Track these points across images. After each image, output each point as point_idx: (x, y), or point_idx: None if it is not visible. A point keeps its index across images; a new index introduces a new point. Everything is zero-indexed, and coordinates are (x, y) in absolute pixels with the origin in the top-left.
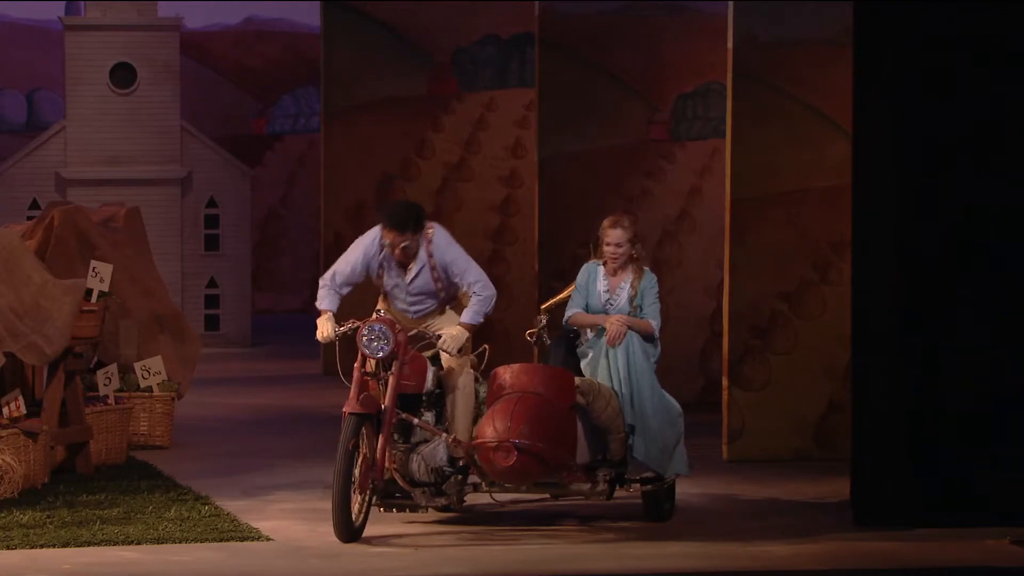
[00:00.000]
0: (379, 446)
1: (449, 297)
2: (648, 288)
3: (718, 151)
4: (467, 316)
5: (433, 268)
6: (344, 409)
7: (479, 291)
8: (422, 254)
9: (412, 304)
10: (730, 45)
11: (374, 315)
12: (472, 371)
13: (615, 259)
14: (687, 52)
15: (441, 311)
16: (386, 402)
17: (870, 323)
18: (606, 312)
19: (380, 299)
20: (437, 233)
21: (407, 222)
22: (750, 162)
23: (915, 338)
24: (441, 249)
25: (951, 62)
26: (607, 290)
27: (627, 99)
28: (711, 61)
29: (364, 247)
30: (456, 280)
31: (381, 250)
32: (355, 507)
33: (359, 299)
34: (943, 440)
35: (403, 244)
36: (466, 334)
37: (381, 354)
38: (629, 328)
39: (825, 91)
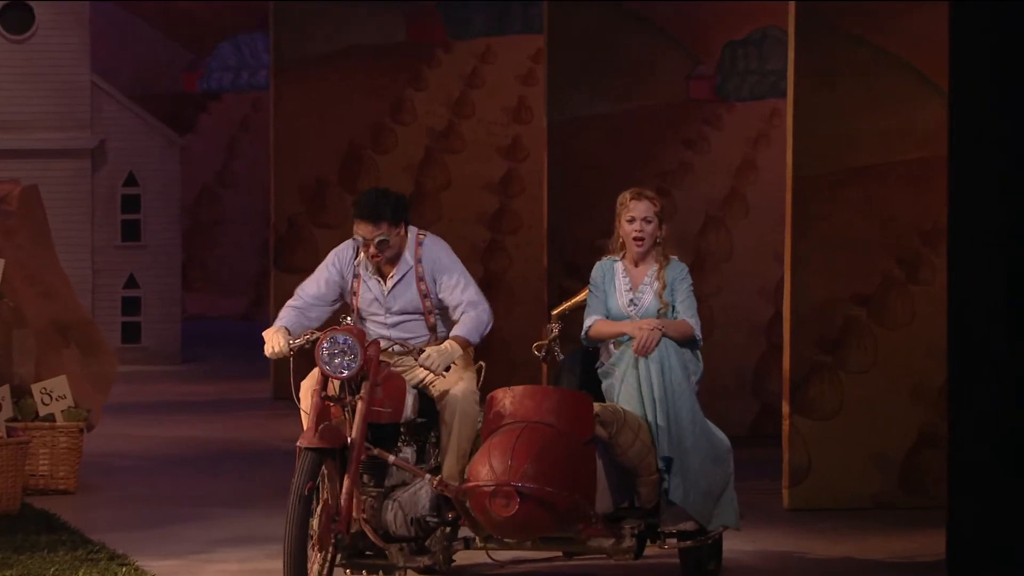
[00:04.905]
0: (344, 490)
1: (440, 324)
2: (678, 279)
3: (777, 114)
4: (461, 329)
5: (420, 278)
6: (299, 443)
7: (474, 306)
8: (407, 257)
9: (393, 327)
10: None
11: (340, 323)
12: (475, 389)
13: (640, 240)
14: None
15: (430, 344)
16: (353, 434)
17: (972, 332)
18: (629, 317)
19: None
20: (431, 238)
21: (382, 209)
22: (818, 129)
23: None
24: (433, 253)
25: None
26: (629, 288)
27: (661, 48)
28: (768, 1)
29: (337, 252)
30: (446, 295)
31: (357, 253)
32: (313, 568)
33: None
34: None
35: (378, 238)
36: (458, 350)
37: (346, 372)
38: (663, 334)
39: (914, 39)
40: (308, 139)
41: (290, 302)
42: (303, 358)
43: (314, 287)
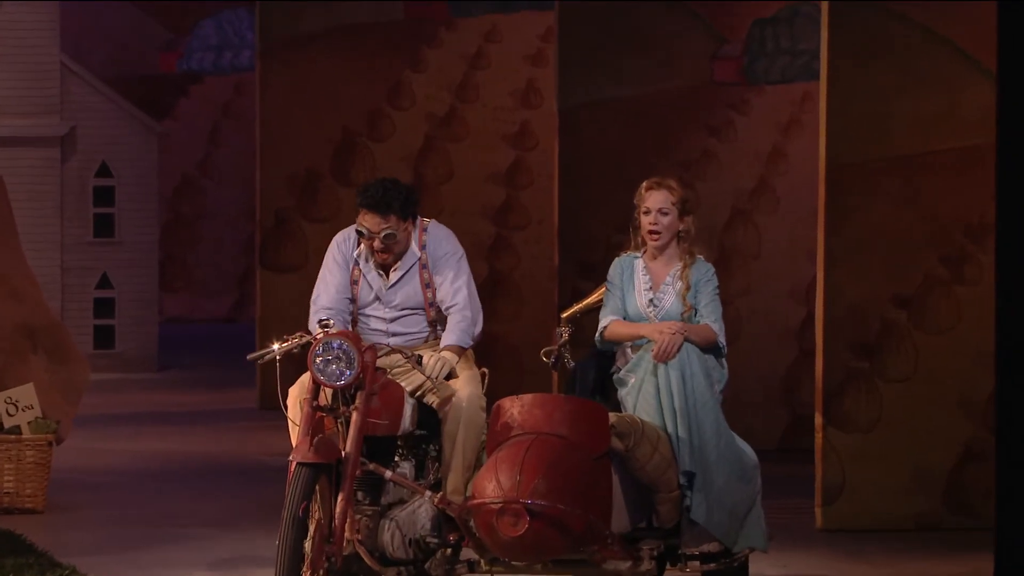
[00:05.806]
0: (338, 508)
1: (439, 322)
2: (703, 280)
3: (809, 98)
4: (452, 336)
5: (424, 266)
6: (292, 458)
7: (461, 309)
8: (413, 248)
9: (391, 322)
10: None
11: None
12: (480, 394)
13: (657, 234)
14: None
15: (429, 343)
16: (347, 448)
17: (1022, 337)
18: (648, 319)
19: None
20: (434, 224)
21: (392, 200)
22: (854, 114)
23: None
24: (436, 240)
25: None
26: (649, 287)
27: (683, 26)
28: None
29: (337, 243)
30: (440, 289)
31: (358, 243)
32: None
33: None
34: None
35: (385, 231)
36: (455, 359)
37: (342, 381)
38: (684, 339)
39: (960, 15)
40: (297, 126)
41: (315, 315)
42: (292, 363)
43: (330, 292)
